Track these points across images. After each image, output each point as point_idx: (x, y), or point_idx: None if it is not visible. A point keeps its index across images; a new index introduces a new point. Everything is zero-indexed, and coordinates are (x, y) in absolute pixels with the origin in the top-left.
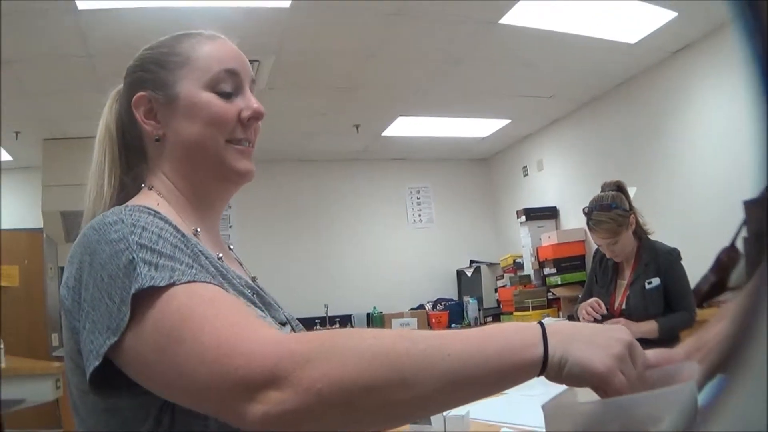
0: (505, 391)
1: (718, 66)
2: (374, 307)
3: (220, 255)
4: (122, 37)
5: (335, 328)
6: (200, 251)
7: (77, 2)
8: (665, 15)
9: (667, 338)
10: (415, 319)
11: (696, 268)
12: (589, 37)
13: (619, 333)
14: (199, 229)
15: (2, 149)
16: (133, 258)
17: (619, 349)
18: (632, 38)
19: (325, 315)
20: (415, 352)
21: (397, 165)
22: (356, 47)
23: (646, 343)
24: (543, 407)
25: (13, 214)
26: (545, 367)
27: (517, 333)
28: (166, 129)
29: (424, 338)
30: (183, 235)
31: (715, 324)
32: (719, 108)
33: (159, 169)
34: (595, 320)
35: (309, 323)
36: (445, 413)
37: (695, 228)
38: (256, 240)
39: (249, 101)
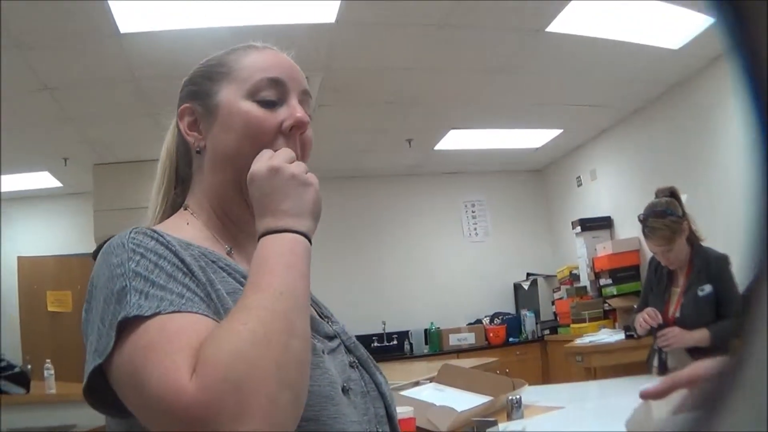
0: (561, 405)
1: None
2: (431, 323)
3: None
4: (167, 60)
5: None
6: (223, 273)
7: (119, 26)
8: (705, 20)
9: (719, 346)
10: (473, 333)
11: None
12: (634, 44)
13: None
14: (232, 248)
15: (51, 175)
16: (126, 285)
17: (291, 172)
18: (675, 44)
19: (382, 332)
20: (271, 307)
21: (451, 179)
22: (404, 60)
23: (699, 351)
24: (627, 425)
25: (65, 240)
26: (306, 236)
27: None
28: (207, 141)
29: (261, 303)
30: (183, 261)
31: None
32: None
33: (198, 184)
34: (651, 329)
35: (367, 340)
36: (501, 429)
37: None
38: (312, 258)
39: (292, 110)
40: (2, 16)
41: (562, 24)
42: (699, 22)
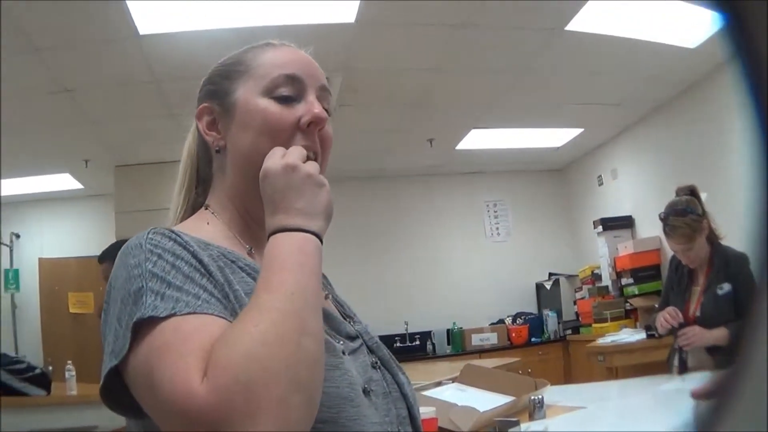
0: (583, 405)
1: None
2: (454, 323)
3: None
4: (187, 61)
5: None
6: (242, 273)
7: (139, 27)
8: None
9: (737, 345)
10: (495, 333)
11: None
12: (652, 42)
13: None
14: (252, 248)
15: (72, 177)
16: (143, 286)
17: (306, 172)
18: (692, 42)
19: (405, 332)
20: (282, 307)
21: (473, 178)
22: (425, 60)
23: (719, 350)
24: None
25: (87, 241)
26: (318, 236)
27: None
28: (226, 140)
29: (272, 303)
30: (201, 261)
31: None
32: None
33: (219, 184)
34: (672, 329)
35: (389, 340)
36: (523, 429)
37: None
38: (333, 259)
39: (310, 106)
40: (22, 20)
41: (580, 23)
42: (715, 20)
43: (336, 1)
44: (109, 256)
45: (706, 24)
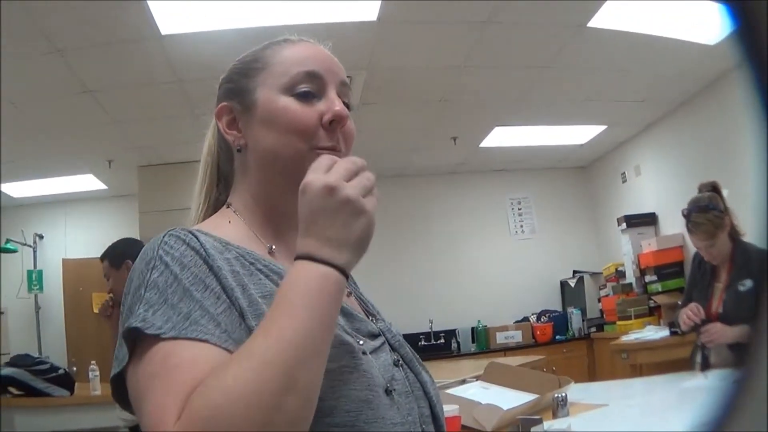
0: (606, 403)
1: None
2: (478, 321)
3: None
4: (210, 61)
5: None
6: (260, 275)
7: (161, 28)
8: None
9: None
10: (520, 331)
11: None
12: (673, 39)
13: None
14: (274, 246)
15: (95, 178)
16: (141, 295)
17: (346, 195)
18: (712, 39)
19: (429, 330)
20: (272, 359)
21: (497, 176)
22: (448, 58)
23: (741, 347)
24: None
25: (111, 241)
26: (342, 270)
27: (296, 275)
28: (247, 138)
29: (263, 353)
30: (211, 268)
31: None
32: None
33: (241, 182)
34: (695, 325)
35: (414, 339)
36: (546, 427)
37: None
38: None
39: (331, 104)
40: (45, 21)
41: (602, 20)
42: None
43: (358, 0)
44: (109, 254)
45: (725, 20)
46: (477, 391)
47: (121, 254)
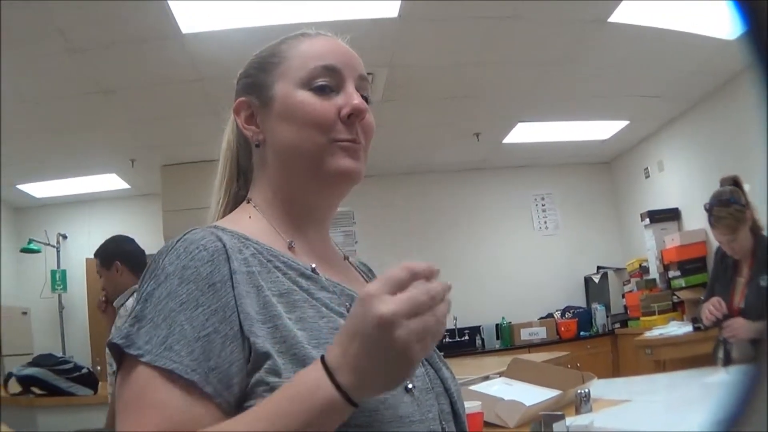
0: (629, 399)
1: None
2: (503, 318)
3: (314, 266)
4: (231, 59)
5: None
6: (277, 273)
7: (181, 26)
8: None
9: None
10: (544, 328)
11: None
12: (694, 34)
13: (378, 325)
14: (293, 242)
15: (118, 177)
16: (134, 305)
17: (396, 337)
18: (731, 34)
19: (454, 327)
20: None
21: (520, 172)
22: (469, 54)
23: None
24: None
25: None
26: (355, 404)
27: (301, 383)
28: (265, 134)
29: None
30: (214, 283)
31: None
32: None
33: (260, 178)
34: (717, 320)
35: None
36: (569, 423)
37: None
38: (382, 255)
39: (349, 97)
40: (64, 20)
41: (623, 14)
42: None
43: None
44: (100, 254)
45: (735, 20)
46: (500, 388)
47: (111, 255)
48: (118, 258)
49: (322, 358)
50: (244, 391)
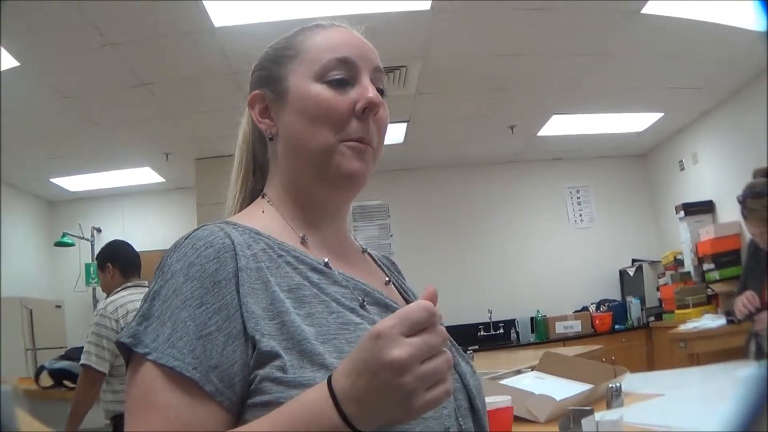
0: (661, 392)
1: None
2: (538, 311)
3: (326, 260)
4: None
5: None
6: (287, 268)
7: (213, 20)
8: None
9: None
10: (579, 321)
11: None
12: (727, 25)
13: (392, 369)
14: (306, 236)
15: (152, 171)
16: (143, 303)
17: (405, 382)
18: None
19: (489, 320)
20: None
21: (555, 165)
22: (503, 46)
23: None
24: None
25: (169, 234)
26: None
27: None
28: (278, 127)
29: None
30: (219, 282)
31: None
32: None
33: (274, 172)
34: (750, 313)
35: (473, 329)
36: (597, 418)
37: None
38: (417, 248)
39: (364, 90)
40: (98, 15)
41: (656, 6)
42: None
43: None
44: (98, 257)
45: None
46: (532, 382)
47: (105, 257)
48: (110, 261)
49: (329, 381)
50: (248, 389)
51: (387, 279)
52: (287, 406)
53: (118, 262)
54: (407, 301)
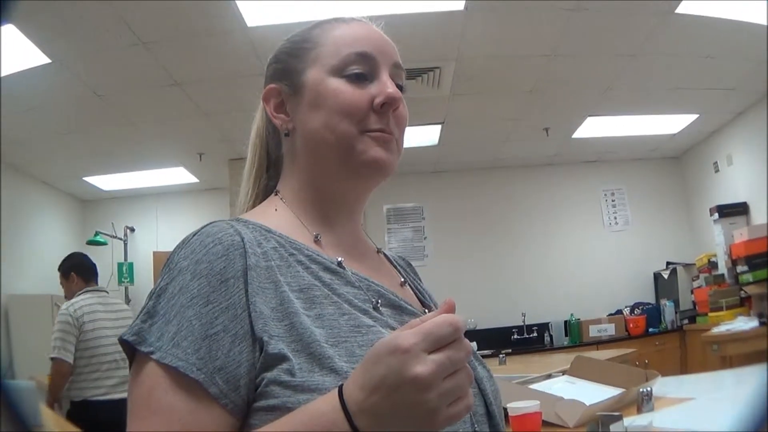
0: (693, 396)
1: None
2: (571, 314)
3: (340, 259)
4: None
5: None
6: (298, 267)
7: (246, 19)
8: None
9: None
10: (613, 324)
11: None
12: (761, 25)
13: (415, 384)
14: (320, 235)
15: (186, 171)
16: (148, 300)
17: (427, 399)
18: None
19: (522, 324)
20: None
21: (590, 167)
22: (537, 47)
23: None
24: None
25: None
26: None
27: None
28: (295, 122)
29: None
30: (227, 280)
31: None
32: None
33: (289, 168)
34: None
35: (507, 332)
36: (627, 424)
37: None
38: (450, 250)
39: (383, 86)
40: (131, 15)
41: (690, 6)
42: None
43: None
44: (61, 266)
45: None
46: (562, 386)
47: (69, 267)
48: (74, 269)
49: (340, 391)
50: (254, 392)
51: (402, 280)
52: (295, 416)
53: (80, 271)
54: (423, 304)
